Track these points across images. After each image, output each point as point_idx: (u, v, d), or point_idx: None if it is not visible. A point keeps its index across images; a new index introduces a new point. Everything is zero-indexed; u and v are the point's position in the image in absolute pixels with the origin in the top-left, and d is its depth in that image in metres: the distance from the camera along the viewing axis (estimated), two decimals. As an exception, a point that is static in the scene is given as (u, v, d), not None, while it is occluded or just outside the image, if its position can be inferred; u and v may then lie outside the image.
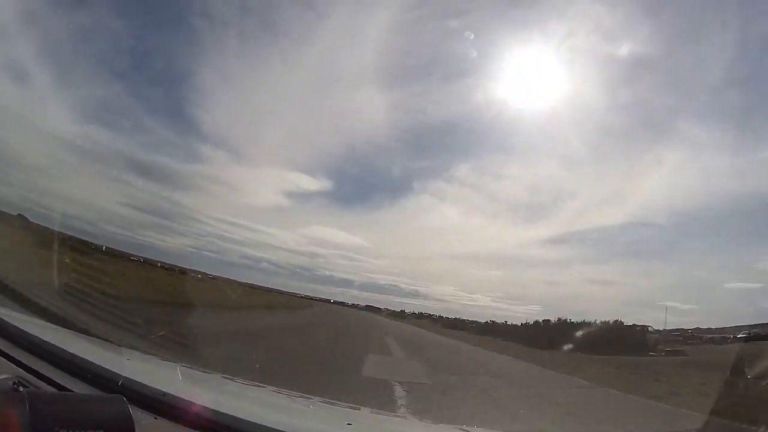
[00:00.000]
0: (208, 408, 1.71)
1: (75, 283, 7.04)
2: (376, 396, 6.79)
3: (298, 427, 1.63)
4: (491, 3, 42.98)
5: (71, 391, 1.69)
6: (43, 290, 5.98)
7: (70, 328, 3.44)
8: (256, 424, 1.61)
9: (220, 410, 1.70)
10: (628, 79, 39.52)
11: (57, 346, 2.07)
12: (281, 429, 1.59)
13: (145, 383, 1.84)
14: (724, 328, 28.58)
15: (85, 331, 3.67)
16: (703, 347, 25.74)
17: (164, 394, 1.77)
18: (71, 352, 2.04)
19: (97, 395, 1.08)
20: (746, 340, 21.10)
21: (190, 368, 2.78)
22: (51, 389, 1.70)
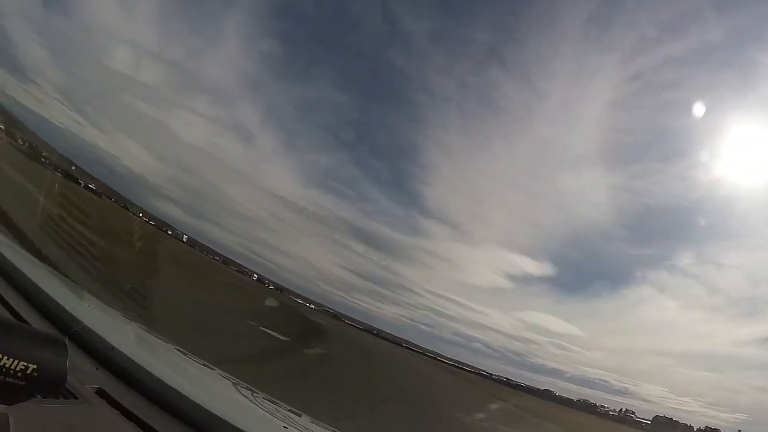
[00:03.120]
0: (150, 373, 1.70)
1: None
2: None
3: (230, 416, 1.62)
4: (710, 71, 40.93)
5: (25, 320, 1.70)
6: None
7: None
8: (190, 400, 1.60)
9: (162, 378, 1.70)
10: None
11: (24, 275, 2.09)
12: (214, 412, 1.58)
13: (98, 333, 1.85)
14: None
15: (56, 267, 3.67)
16: None
17: (113, 348, 1.78)
18: (36, 283, 2.05)
19: (40, 330, 1.09)
20: None
21: (147, 331, 2.77)
22: (5, 312, 1.71)
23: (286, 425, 2.11)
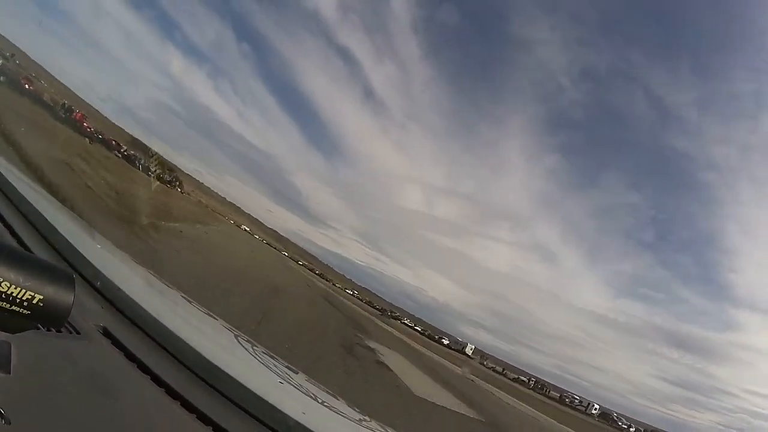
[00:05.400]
0: (155, 317, 1.73)
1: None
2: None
3: (227, 365, 1.65)
4: None
5: (34, 252, 1.73)
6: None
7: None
8: (191, 347, 1.63)
9: (165, 324, 1.73)
10: None
11: (38, 211, 2.11)
12: (212, 360, 1.61)
13: (106, 273, 1.87)
14: None
15: (72, 207, 3.73)
16: None
17: (119, 289, 1.81)
18: (49, 221, 2.07)
19: (49, 262, 1.09)
20: None
21: (155, 276, 2.83)
22: (14, 243, 1.74)
23: (282, 380, 2.16)
